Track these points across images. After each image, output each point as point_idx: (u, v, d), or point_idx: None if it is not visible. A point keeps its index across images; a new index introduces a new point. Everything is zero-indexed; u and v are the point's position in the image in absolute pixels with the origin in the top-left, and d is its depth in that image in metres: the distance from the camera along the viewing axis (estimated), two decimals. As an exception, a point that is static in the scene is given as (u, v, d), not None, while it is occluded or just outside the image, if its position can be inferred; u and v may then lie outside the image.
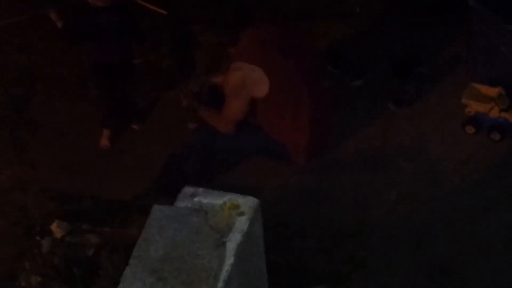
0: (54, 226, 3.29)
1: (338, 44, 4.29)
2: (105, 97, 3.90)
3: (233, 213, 2.00)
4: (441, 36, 4.21)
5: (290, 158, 3.48)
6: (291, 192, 3.58)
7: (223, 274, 1.84)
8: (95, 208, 3.53)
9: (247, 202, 2.02)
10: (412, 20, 4.32)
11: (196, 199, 2.04)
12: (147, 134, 4.03)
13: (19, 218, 3.48)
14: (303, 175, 3.63)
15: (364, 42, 4.28)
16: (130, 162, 3.89)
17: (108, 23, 3.65)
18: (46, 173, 3.77)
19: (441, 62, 4.08)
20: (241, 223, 1.97)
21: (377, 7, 4.50)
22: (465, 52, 4.00)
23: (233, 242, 1.91)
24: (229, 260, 1.87)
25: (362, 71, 4.09)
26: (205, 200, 2.04)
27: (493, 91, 3.65)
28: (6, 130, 3.99)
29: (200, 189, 2.06)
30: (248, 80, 3.18)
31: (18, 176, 3.72)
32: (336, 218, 3.42)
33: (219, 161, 3.60)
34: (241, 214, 2.00)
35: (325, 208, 3.48)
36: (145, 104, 4.17)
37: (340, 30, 4.38)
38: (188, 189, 2.07)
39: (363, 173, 3.64)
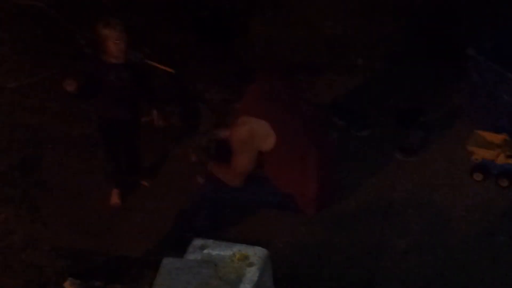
0: (67, 284, 3.29)
1: (342, 95, 4.36)
2: (113, 154, 3.93)
3: (242, 264, 2.02)
4: (443, 85, 4.28)
5: (298, 209, 3.49)
6: (300, 243, 3.58)
7: (235, 325, 1.85)
8: (106, 265, 3.54)
9: (257, 253, 2.04)
10: (414, 70, 4.40)
11: (205, 251, 2.06)
12: (156, 190, 4.07)
13: (32, 277, 3.49)
14: (312, 226, 3.64)
15: (368, 93, 4.36)
16: (139, 218, 3.90)
17: (120, 79, 3.69)
18: (57, 231, 3.79)
19: (445, 111, 4.13)
20: (251, 273, 1.99)
21: (378, 59, 4.58)
22: (468, 100, 4.05)
23: (243, 293, 1.93)
24: (241, 311, 1.88)
25: (367, 122, 4.14)
26: (214, 252, 2.07)
27: (498, 138, 3.68)
28: (18, 190, 4.03)
29: (210, 241, 2.09)
30: (255, 134, 3.23)
31: (30, 235, 3.74)
32: (346, 269, 3.41)
33: (228, 214, 3.62)
34: (251, 264, 2.02)
35: (335, 259, 3.48)
36: (154, 160, 4.21)
37: (344, 82, 4.46)
38: (197, 242, 2.10)
39: (372, 223, 3.64)
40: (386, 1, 4.86)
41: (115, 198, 3.96)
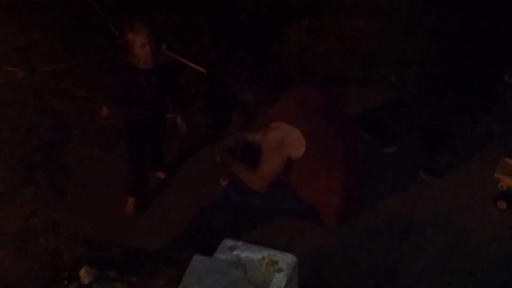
0: (82, 272, 3.29)
1: (371, 110, 4.35)
2: (136, 163, 3.86)
3: (271, 269, 2.02)
4: (476, 109, 4.25)
5: (320, 220, 3.49)
6: (319, 254, 3.56)
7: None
8: (123, 257, 3.55)
9: (286, 259, 2.04)
10: (445, 92, 4.38)
11: (235, 252, 2.06)
12: (177, 187, 4.08)
13: (48, 261, 3.50)
14: (331, 237, 3.63)
15: (398, 111, 4.34)
16: (159, 213, 3.92)
17: (149, 84, 3.62)
18: (79, 218, 3.81)
19: (474, 135, 4.11)
20: (279, 279, 1.99)
21: (411, 77, 4.57)
22: (498, 126, 4.03)
23: (271, 297, 1.92)
24: (267, 315, 1.87)
25: (395, 139, 4.13)
26: (243, 254, 2.07)
27: (526, 168, 3.66)
28: (43, 174, 4.06)
29: (240, 243, 2.08)
30: (286, 140, 3.23)
31: (52, 219, 3.77)
32: (361, 284, 3.39)
33: (248, 218, 3.62)
34: (279, 270, 2.01)
35: (352, 273, 3.46)
36: (176, 155, 4.21)
37: (374, 97, 4.45)
38: (227, 242, 2.09)
39: (391, 240, 3.63)
40: (424, 21, 4.85)
41: (130, 207, 3.92)
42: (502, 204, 3.71)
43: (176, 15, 5.17)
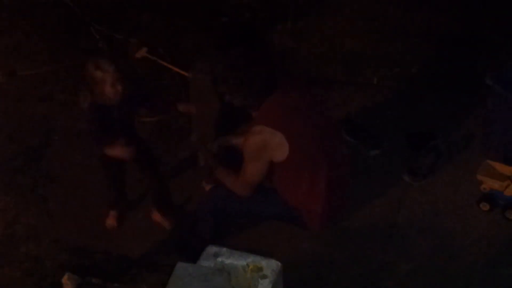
0: (65, 279, 3.26)
1: (355, 113, 4.35)
2: (114, 182, 3.73)
3: (255, 276, 2.01)
4: (458, 111, 4.26)
5: (304, 223, 3.48)
6: (303, 259, 3.56)
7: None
8: (106, 263, 3.52)
9: (270, 265, 2.03)
10: (428, 94, 4.39)
11: (219, 258, 2.05)
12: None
13: (30, 269, 3.47)
14: (315, 241, 3.62)
15: (381, 113, 4.34)
16: (142, 219, 3.87)
17: (120, 117, 3.44)
18: (60, 224, 3.77)
19: (457, 137, 4.11)
20: (264, 286, 1.98)
21: (394, 79, 4.58)
22: (480, 129, 4.05)
23: (256, 304, 1.91)
24: (252, 323, 1.86)
25: (379, 141, 4.13)
26: (228, 261, 2.06)
27: (508, 170, 3.67)
28: (24, 180, 4.01)
29: (224, 249, 2.07)
30: (268, 144, 3.21)
31: (34, 227, 3.73)
32: (346, 288, 3.40)
33: (232, 223, 3.60)
34: (264, 277, 2.01)
35: (336, 277, 3.46)
36: (159, 161, 4.18)
37: (357, 100, 4.44)
38: (211, 249, 2.08)
39: (375, 243, 3.63)
40: (407, 23, 4.87)
41: (111, 220, 3.80)
42: (485, 206, 3.72)
43: (160, 17, 5.14)
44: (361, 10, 5.01)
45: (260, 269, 2.02)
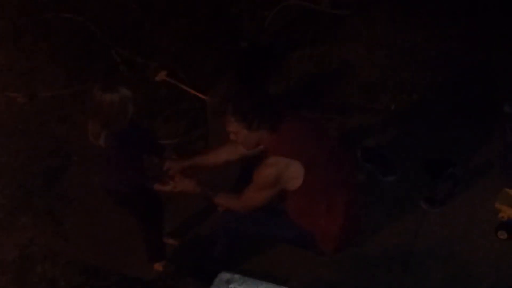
0: (79, 300, 3.28)
1: (371, 139, 4.33)
2: (155, 233, 3.60)
3: (268, 303, 1.99)
4: (476, 139, 4.23)
5: (317, 247, 3.45)
6: (317, 285, 3.54)
7: None
8: (121, 285, 3.53)
9: (283, 293, 2.01)
10: (446, 121, 4.37)
11: (231, 285, 2.04)
12: (174, 214, 4.04)
13: (46, 291, 3.50)
14: (330, 268, 3.60)
15: (397, 139, 4.32)
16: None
17: (141, 141, 3.36)
18: (76, 246, 3.79)
19: (475, 165, 4.08)
20: (276, 314, 1.96)
21: (411, 105, 4.56)
22: (498, 156, 4.02)
23: (268, 333, 1.89)
24: None
25: (395, 167, 4.11)
26: (240, 288, 2.04)
27: (527, 198, 3.64)
28: (41, 201, 4.05)
29: (236, 276, 2.06)
30: (282, 177, 3.19)
31: (50, 248, 3.75)
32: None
33: (246, 247, 3.59)
34: (276, 305, 1.99)
35: (352, 304, 3.44)
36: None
37: (374, 126, 4.43)
38: (224, 275, 2.08)
39: (391, 271, 3.60)
40: (424, 51, 4.86)
41: (159, 267, 3.71)
42: (503, 235, 3.68)
43: (180, 42, 5.19)
44: (378, 38, 5.01)
45: (272, 296, 2.01)
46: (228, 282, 2.05)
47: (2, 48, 5.19)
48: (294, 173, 3.18)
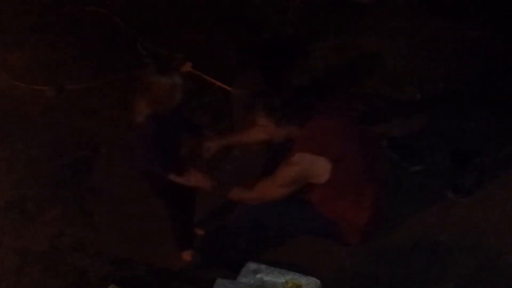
0: (108, 291, 3.32)
1: (397, 129, 4.32)
2: (185, 220, 3.61)
3: (294, 293, 2.01)
4: (504, 128, 4.20)
5: (342, 237, 3.45)
6: (343, 276, 3.54)
7: None
8: (148, 276, 3.56)
9: (310, 283, 2.03)
10: (472, 110, 4.34)
11: (258, 275, 2.06)
12: (201, 205, 4.07)
13: (75, 280, 3.54)
14: (356, 258, 3.60)
15: (424, 129, 4.30)
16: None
17: (177, 132, 3.36)
18: (105, 237, 3.83)
19: (502, 155, 4.05)
20: (303, 304, 1.98)
21: (437, 96, 4.53)
22: (526, 146, 3.99)
23: (295, 322, 1.91)
24: None
25: (421, 157, 4.09)
26: (267, 278, 2.07)
27: (555, 187, 3.60)
28: (70, 193, 4.10)
29: (263, 266, 2.08)
30: (307, 174, 3.20)
31: (79, 239, 3.80)
32: (390, 306, 3.37)
33: (271, 237, 3.60)
34: (303, 294, 2.00)
35: (379, 294, 3.44)
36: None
37: (400, 116, 4.41)
38: (251, 265, 2.10)
39: (418, 261, 3.59)
40: (451, 40, 4.82)
41: (187, 257, 3.72)
42: (532, 225, 3.65)
43: (203, 33, 5.21)
44: (403, 26, 4.98)
45: (299, 287, 2.02)
46: (255, 272, 2.07)
47: (29, 43, 5.25)
48: (319, 170, 3.18)
